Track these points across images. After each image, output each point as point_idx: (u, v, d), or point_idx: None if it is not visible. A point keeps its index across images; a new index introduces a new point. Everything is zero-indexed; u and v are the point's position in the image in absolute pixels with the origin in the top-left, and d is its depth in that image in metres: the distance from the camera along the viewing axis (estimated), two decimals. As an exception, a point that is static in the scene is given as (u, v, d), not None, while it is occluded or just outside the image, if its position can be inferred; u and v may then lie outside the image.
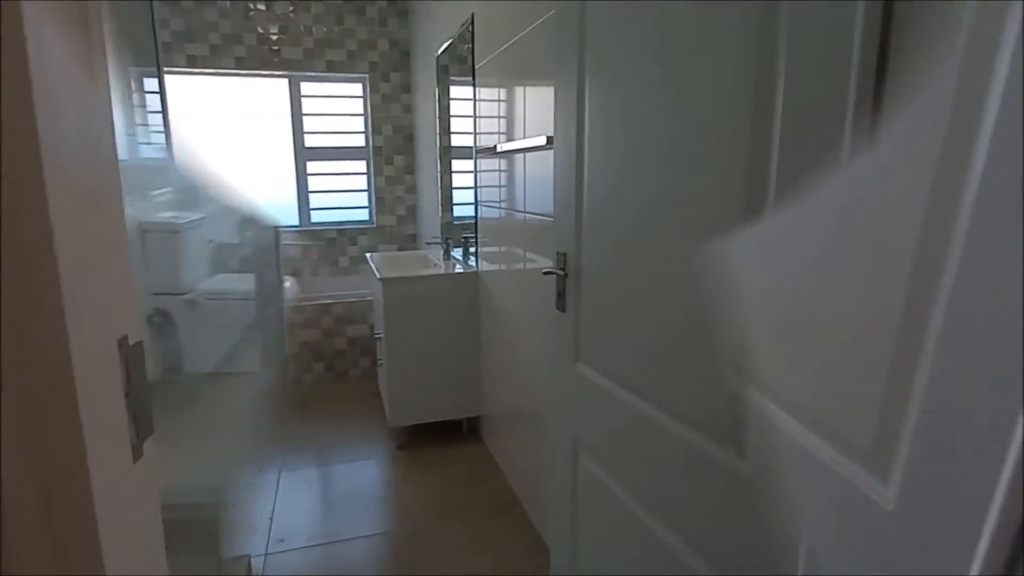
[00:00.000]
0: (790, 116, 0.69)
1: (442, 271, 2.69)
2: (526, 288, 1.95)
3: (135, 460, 0.51)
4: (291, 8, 3.56)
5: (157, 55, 1.65)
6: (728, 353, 0.80)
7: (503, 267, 2.22)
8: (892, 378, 0.47)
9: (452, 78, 2.92)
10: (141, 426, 0.51)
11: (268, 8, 3.53)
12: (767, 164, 0.72)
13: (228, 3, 3.46)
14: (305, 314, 3.33)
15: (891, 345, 0.47)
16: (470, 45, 2.40)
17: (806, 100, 0.67)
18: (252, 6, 3.47)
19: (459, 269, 2.66)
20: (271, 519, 2.10)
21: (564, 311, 1.33)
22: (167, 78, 3.45)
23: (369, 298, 3.34)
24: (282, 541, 1.97)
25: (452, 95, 2.96)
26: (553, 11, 1.45)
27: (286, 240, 3.80)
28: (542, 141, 1.55)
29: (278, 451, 2.61)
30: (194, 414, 2.29)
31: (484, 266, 2.49)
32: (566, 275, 1.29)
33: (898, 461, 0.46)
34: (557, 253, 1.33)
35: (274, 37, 3.56)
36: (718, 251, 0.81)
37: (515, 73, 1.93)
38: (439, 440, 2.67)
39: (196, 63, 3.47)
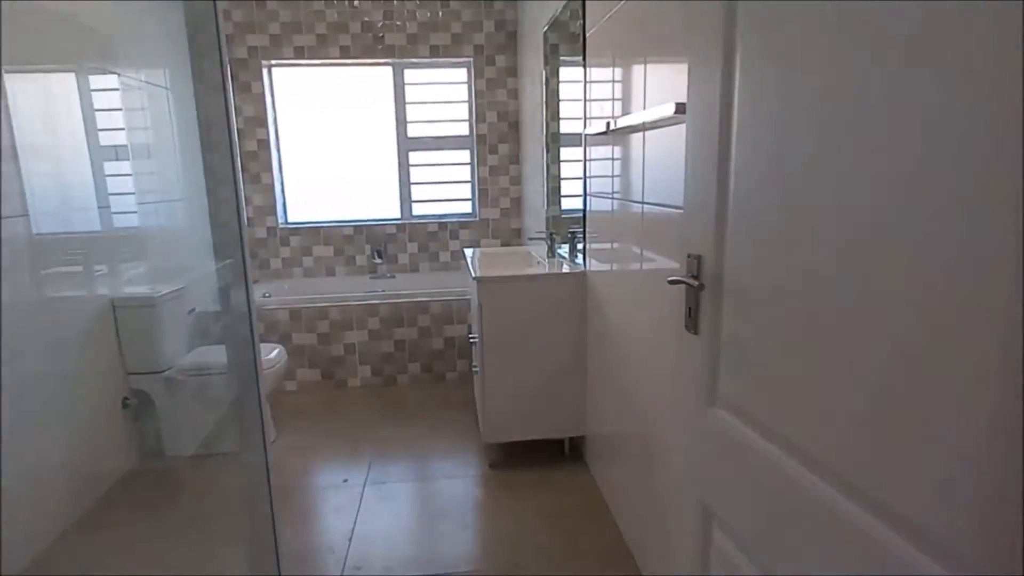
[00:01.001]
0: None
1: (545, 270, 2.40)
2: (643, 293, 1.60)
3: None
4: (396, -8, 3.43)
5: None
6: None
7: (615, 267, 1.88)
8: None
9: (562, 58, 2.61)
10: None
11: (373, -6, 3.41)
12: None
13: (334, -9, 3.38)
14: (401, 311, 3.18)
15: None
16: (580, 11, 2.06)
17: None
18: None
19: (565, 268, 2.34)
20: (350, 540, 1.92)
21: (696, 332, 0.98)
22: (275, 70, 3.45)
23: (468, 297, 3.13)
24: (358, 569, 1.79)
25: (561, 77, 2.65)
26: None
27: (389, 231, 3.70)
28: (669, 110, 1.20)
29: (367, 458, 2.47)
30: (179, 505, 2.14)
31: (593, 265, 2.15)
32: (700, 285, 0.94)
33: None
34: (688, 256, 0.97)
35: (379, 24, 3.44)
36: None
37: (634, 31, 1.58)
38: (537, 460, 2.38)
39: (303, 54, 3.43)
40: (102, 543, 1.96)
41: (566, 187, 2.70)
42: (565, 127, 2.66)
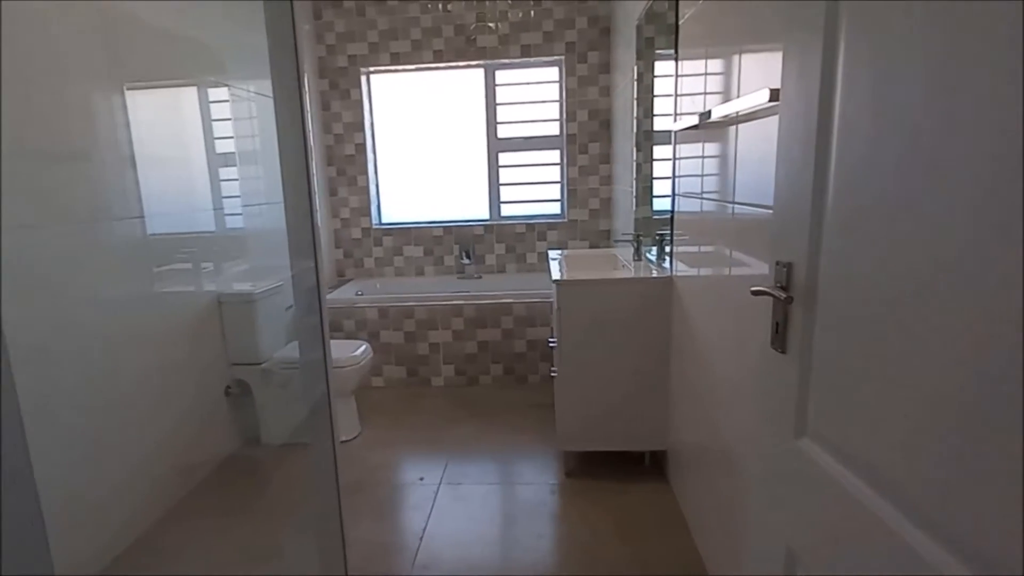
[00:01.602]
0: None
1: (629, 275, 2.28)
2: (730, 302, 1.46)
3: None
4: (488, -6, 3.44)
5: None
6: None
7: (702, 272, 1.74)
8: None
9: (657, 51, 2.48)
10: None
11: (466, -3, 3.44)
12: None
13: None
14: (485, 313, 3.18)
15: None
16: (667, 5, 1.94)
17: None
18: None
19: (649, 273, 2.22)
20: (420, 539, 1.93)
21: (784, 351, 0.86)
22: (373, 76, 3.57)
23: (551, 299, 3.07)
24: (426, 568, 1.78)
25: (656, 71, 2.52)
26: None
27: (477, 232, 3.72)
28: (763, 98, 1.07)
29: (444, 457, 2.48)
30: (268, 491, 2.20)
31: (679, 270, 2.02)
32: (789, 297, 0.82)
33: None
34: (777, 263, 0.86)
35: (471, 26, 3.47)
36: None
37: (728, 15, 1.44)
38: (615, 471, 2.28)
39: (398, 60, 3.53)
40: (201, 523, 2.11)
41: (658, 187, 2.57)
42: (658, 124, 2.53)
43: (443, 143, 3.72)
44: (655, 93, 2.58)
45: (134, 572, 1.83)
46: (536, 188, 3.74)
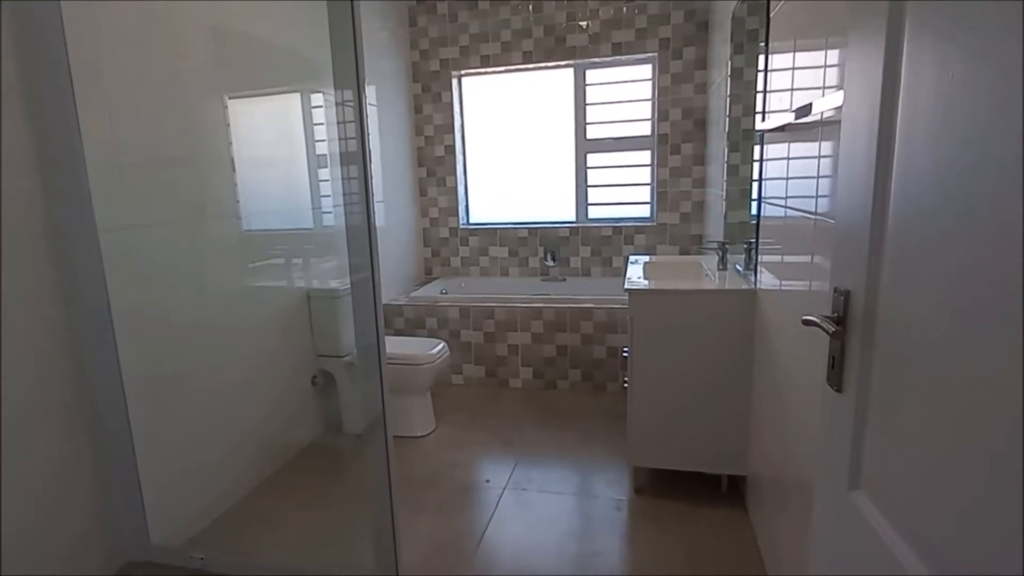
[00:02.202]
0: None
1: (708, 285, 2.14)
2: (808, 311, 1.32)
3: None
4: (580, -8, 3.37)
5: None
6: None
7: (783, 286, 1.59)
8: None
9: (761, 44, 2.30)
10: None
11: (557, -4, 3.40)
12: None
13: (520, 1, 3.45)
14: (564, 317, 3.13)
15: None
16: (765, -13, 1.79)
17: None
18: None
19: (730, 284, 2.07)
20: (479, 543, 1.93)
21: (839, 390, 0.75)
22: (464, 79, 3.64)
23: (632, 306, 2.96)
24: (480, 572, 1.78)
25: (759, 64, 2.34)
26: None
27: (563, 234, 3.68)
28: (838, 100, 0.95)
29: (513, 459, 2.47)
30: (345, 477, 2.25)
31: (763, 282, 1.86)
32: (843, 328, 0.72)
33: None
34: (834, 291, 0.75)
35: (561, 26, 3.43)
36: None
37: (804, 21, 1.30)
38: (688, 492, 2.15)
39: (488, 62, 3.56)
40: (280, 502, 2.25)
41: (756, 190, 2.38)
42: (749, 122, 2.35)
43: (531, 144, 3.71)
44: (757, 89, 2.40)
45: (223, 538, 1.98)
46: (624, 190, 3.63)
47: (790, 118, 1.38)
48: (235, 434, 2.23)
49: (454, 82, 3.68)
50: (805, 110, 1.25)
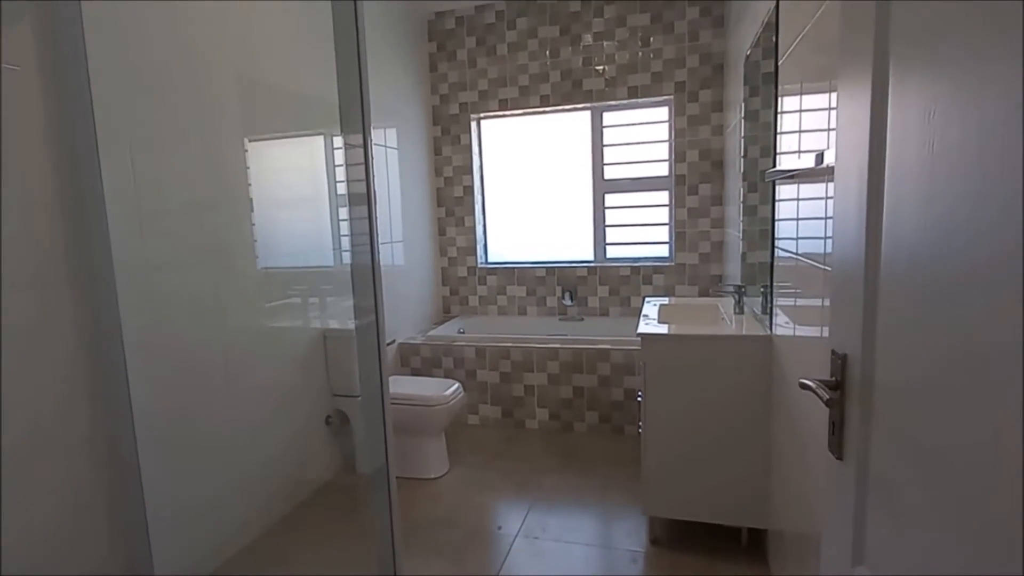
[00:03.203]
0: None
1: (722, 330, 2.10)
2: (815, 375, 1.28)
3: None
4: (592, 38, 3.44)
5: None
6: None
7: (799, 331, 1.55)
8: None
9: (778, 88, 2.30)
10: None
11: (573, 43, 3.48)
12: None
13: (537, 47, 3.53)
14: (581, 358, 3.09)
15: None
16: (774, 36, 1.80)
17: None
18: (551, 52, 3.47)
19: (747, 329, 2.03)
20: (487, 595, 1.87)
21: (840, 458, 0.72)
22: (482, 122, 3.71)
23: (650, 348, 2.91)
24: (487, 630, 1.72)
25: (778, 105, 2.34)
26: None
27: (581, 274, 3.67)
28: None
29: (527, 504, 2.41)
30: (358, 519, 2.21)
31: (779, 328, 1.82)
32: (840, 392, 0.69)
33: None
34: (832, 353, 0.73)
35: (579, 69, 3.49)
36: None
37: (820, 54, 1.30)
38: (707, 545, 2.07)
39: (507, 106, 3.64)
40: (294, 543, 2.23)
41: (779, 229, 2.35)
42: (767, 162, 2.33)
43: (549, 184, 3.74)
44: (774, 131, 2.40)
45: (226, 589, 1.97)
46: (643, 230, 3.62)
47: (798, 163, 1.37)
48: (249, 473, 2.23)
49: (473, 125, 3.76)
50: (819, 158, 1.24)
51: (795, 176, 1.49)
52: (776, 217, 1.85)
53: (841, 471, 0.71)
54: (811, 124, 1.42)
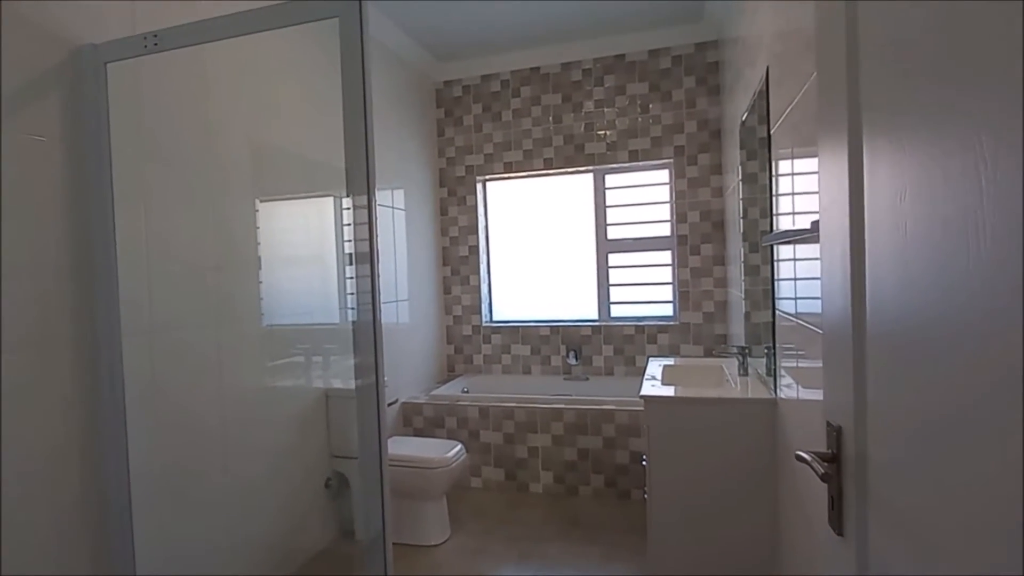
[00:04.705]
0: None
1: (730, 393, 2.08)
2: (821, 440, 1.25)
3: None
4: (593, 105, 3.57)
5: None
6: None
7: (803, 395, 1.53)
8: None
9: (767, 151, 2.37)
10: None
11: (575, 109, 3.61)
12: None
13: (540, 113, 3.67)
14: (586, 419, 3.05)
15: None
16: (766, 105, 1.87)
17: None
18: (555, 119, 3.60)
19: (752, 392, 2.00)
20: (485, 675, 1.78)
21: (841, 534, 0.70)
22: (488, 184, 3.81)
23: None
24: None
25: (764, 170, 2.40)
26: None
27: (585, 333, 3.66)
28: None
29: (532, 574, 2.32)
30: None
31: (784, 389, 1.79)
32: (837, 466, 0.68)
33: None
34: (828, 425, 0.72)
35: (581, 134, 3.60)
36: None
37: (802, 134, 1.35)
38: (717, 621, 1.96)
39: (511, 168, 3.74)
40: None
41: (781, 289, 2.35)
42: (766, 224, 2.36)
43: (553, 244, 3.80)
44: (771, 193, 2.44)
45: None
46: (647, 289, 3.64)
47: (792, 225, 1.39)
48: (244, 537, 2.17)
49: (478, 186, 3.85)
50: (816, 224, 1.26)
51: (791, 239, 1.51)
52: (776, 277, 1.86)
53: (841, 548, 0.69)
54: (803, 187, 1.45)
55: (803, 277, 1.48)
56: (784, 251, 1.74)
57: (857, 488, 0.65)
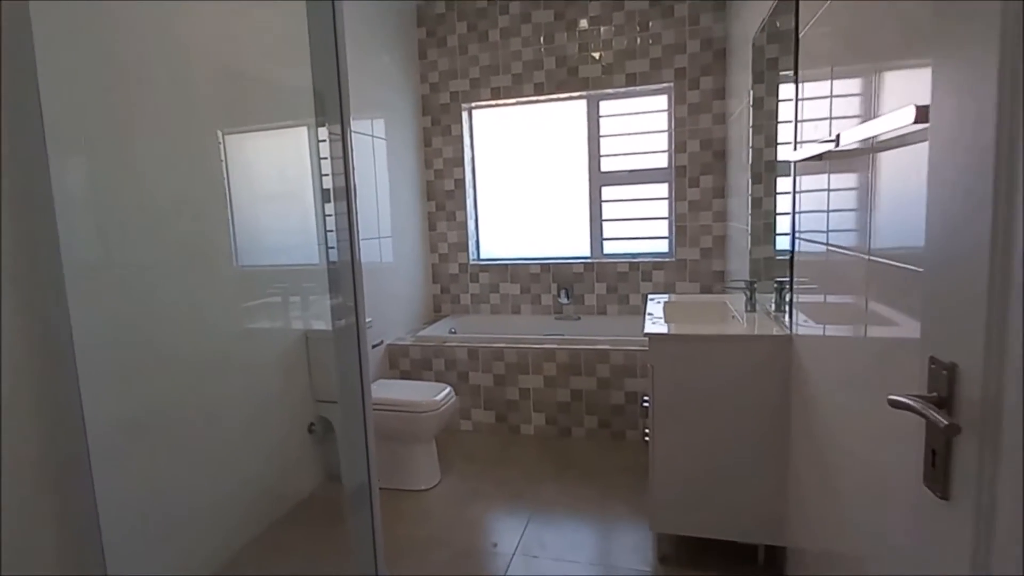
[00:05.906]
0: None
1: (736, 330, 1.95)
2: (865, 381, 1.13)
3: None
4: (588, 23, 3.28)
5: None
6: None
7: (827, 332, 1.40)
8: None
9: (781, 73, 2.16)
10: None
11: (568, 28, 3.32)
12: None
13: (531, 33, 3.37)
14: (579, 359, 2.94)
15: None
16: (794, 8, 1.65)
17: None
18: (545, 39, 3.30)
19: (761, 329, 1.88)
20: (483, 623, 1.71)
21: (945, 497, 0.56)
22: (474, 112, 3.55)
23: (652, 348, 2.76)
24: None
25: (780, 94, 2.20)
26: None
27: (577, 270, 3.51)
28: (907, 117, 0.78)
29: (524, 517, 2.25)
30: (345, 531, 2.06)
31: (800, 327, 1.67)
32: (951, 425, 0.53)
33: None
34: (931, 363, 0.57)
35: (574, 56, 3.33)
36: None
37: (860, 24, 1.15)
38: (720, 563, 1.92)
39: (499, 95, 3.47)
40: (275, 562, 2.05)
41: (781, 224, 2.21)
42: (781, 153, 2.19)
43: (543, 177, 3.58)
44: (779, 119, 2.26)
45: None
46: (641, 224, 3.47)
47: (830, 146, 1.21)
48: (224, 487, 2.05)
49: (464, 115, 3.59)
50: (855, 134, 1.09)
51: (825, 158, 1.34)
52: (796, 208, 1.70)
53: (944, 514, 0.56)
54: (844, 104, 1.26)
55: (840, 208, 1.32)
56: (809, 181, 1.57)
57: (981, 441, 0.51)
